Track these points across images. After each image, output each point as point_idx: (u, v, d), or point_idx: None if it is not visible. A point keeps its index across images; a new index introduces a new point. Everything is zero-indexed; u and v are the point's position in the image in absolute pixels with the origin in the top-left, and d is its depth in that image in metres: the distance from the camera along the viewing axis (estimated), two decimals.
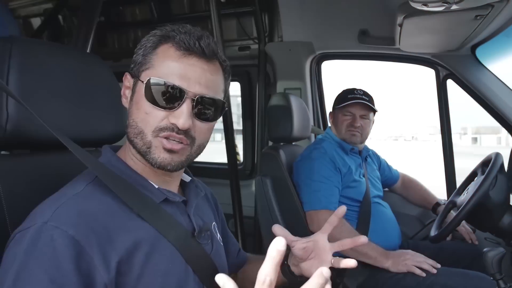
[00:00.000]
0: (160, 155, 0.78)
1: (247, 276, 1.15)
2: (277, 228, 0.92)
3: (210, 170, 3.08)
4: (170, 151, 0.78)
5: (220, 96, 0.83)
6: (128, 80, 0.85)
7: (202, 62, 0.79)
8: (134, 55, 0.83)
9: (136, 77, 0.82)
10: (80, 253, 0.66)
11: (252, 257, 1.22)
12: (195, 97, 0.77)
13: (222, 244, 1.00)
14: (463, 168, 2.30)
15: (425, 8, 1.33)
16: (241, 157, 2.98)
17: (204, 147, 0.85)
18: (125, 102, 0.86)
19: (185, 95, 0.76)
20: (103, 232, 0.70)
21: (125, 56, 3.01)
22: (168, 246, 0.79)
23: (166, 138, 0.78)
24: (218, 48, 0.82)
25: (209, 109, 0.80)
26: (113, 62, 3.04)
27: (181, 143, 0.78)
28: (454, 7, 1.31)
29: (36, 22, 3.23)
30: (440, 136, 2.33)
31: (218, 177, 2.73)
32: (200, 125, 0.80)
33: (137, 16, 2.96)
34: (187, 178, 0.97)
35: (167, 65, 0.78)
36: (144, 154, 0.79)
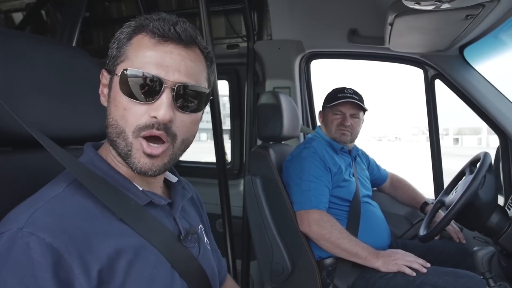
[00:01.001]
0: (140, 160, 0.74)
1: None
2: None
3: (197, 170, 3.04)
4: (150, 155, 0.74)
5: (203, 84, 0.78)
6: (104, 77, 0.80)
7: (179, 49, 0.74)
8: (109, 50, 0.78)
9: (111, 72, 0.77)
10: (59, 261, 0.62)
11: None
12: (175, 86, 0.72)
13: (209, 247, 0.97)
14: (446, 168, 2.32)
15: (417, 7, 1.32)
16: (228, 157, 2.95)
17: (189, 142, 0.80)
18: (103, 100, 0.81)
19: (164, 85, 0.71)
20: (82, 239, 0.66)
21: None
22: (152, 252, 0.75)
23: (147, 138, 0.73)
24: (198, 35, 0.77)
25: (192, 99, 0.75)
26: (99, 59, 2.97)
27: (163, 142, 0.74)
28: (446, 6, 1.31)
29: (17, 16, 3.14)
30: (422, 136, 2.36)
31: (206, 176, 2.70)
32: (183, 117, 0.75)
33: (123, 12, 2.90)
34: (174, 179, 0.93)
35: (142, 55, 0.73)
36: (125, 157, 0.75)
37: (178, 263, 0.79)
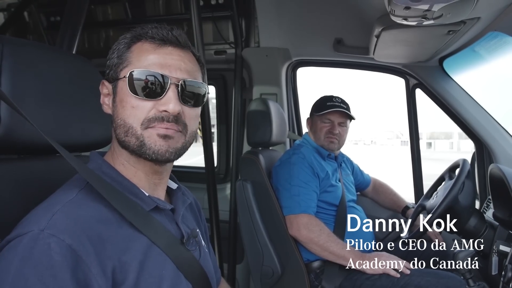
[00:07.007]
0: (156, 143, 0.78)
1: None
2: None
3: (184, 174, 3.04)
4: (165, 136, 0.78)
5: (200, 81, 0.85)
6: (106, 87, 0.85)
7: (178, 50, 0.81)
8: (108, 61, 0.84)
9: (115, 79, 0.81)
10: (77, 262, 0.65)
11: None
12: (178, 82, 0.78)
13: (207, 250, 1.01)
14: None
15: (404, 22, 1.39)
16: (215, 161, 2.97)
17: (195, 135, 0.86)
18: (106, 109, 0.85)
19: (169, 81, 0.78)
20: (98, 240, 0.70)
21: (95, 56, 2.90)
22: (159, 253, 0.79)
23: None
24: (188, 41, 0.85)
25: (194, 93, 0.81)
26: None
27: (174, 129, 0.79)
28: (430, 22, 1.39)
29: None
30: (396, 140, 2.45)
31: (192, 181, 2.70)
32: (188, 110, 0.81)
33: (109, 16, 2.88)
34: (174, 185, 0.96)
35: (145, 58, 0.79)
36: (138, 150, 0.78)
37: (183, 265, 0.83)
